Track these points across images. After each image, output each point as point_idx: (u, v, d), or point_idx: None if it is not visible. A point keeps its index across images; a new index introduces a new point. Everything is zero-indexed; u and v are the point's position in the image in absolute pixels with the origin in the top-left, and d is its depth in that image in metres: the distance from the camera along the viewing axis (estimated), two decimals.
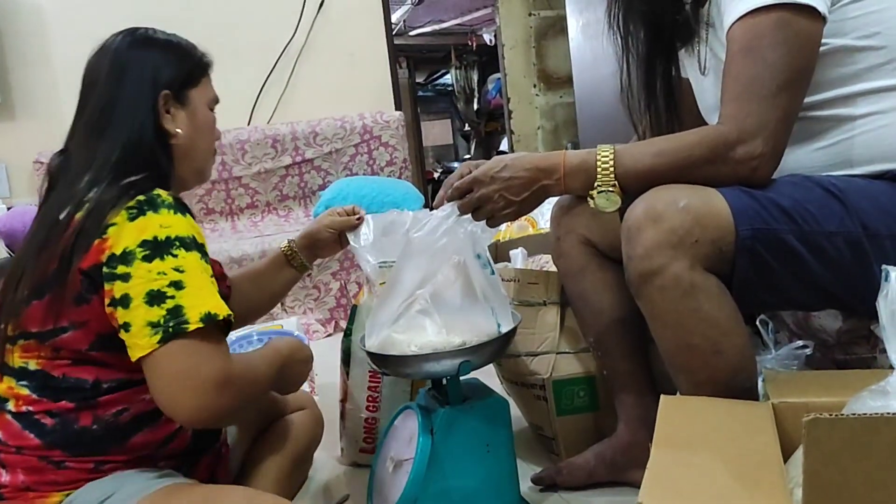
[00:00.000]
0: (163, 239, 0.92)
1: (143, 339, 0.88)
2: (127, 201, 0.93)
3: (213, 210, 3.13)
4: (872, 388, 0.76)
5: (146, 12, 3.16)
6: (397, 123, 3.34)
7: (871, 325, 1.13)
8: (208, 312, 0.91)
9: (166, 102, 1.06)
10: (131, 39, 1.07)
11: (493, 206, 1.13)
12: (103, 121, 1.02)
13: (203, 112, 1.12)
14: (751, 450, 0.79)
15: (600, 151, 1.07)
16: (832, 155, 1.08)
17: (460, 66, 7.55)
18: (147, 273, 0.90)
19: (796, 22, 0.99)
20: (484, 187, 1.12)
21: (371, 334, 1.16)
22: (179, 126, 1.07)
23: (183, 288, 0.90)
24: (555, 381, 1.40)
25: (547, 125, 4.51)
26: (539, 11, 4.46)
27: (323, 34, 3.36)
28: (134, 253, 0.90)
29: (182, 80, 1.08)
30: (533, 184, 1.11)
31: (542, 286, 1.46)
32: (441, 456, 1.13)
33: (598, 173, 1.06)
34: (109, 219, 0.92)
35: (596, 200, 1.07)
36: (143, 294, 0.89)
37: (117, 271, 0.90)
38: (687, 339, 1.00)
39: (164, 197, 0.95)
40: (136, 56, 1.05)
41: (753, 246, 0.98)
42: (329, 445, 1.58)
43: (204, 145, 1.13)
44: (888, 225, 1.01)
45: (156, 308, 0.89)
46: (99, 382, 0.95)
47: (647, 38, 1.20)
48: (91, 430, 0.95)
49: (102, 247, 0.91)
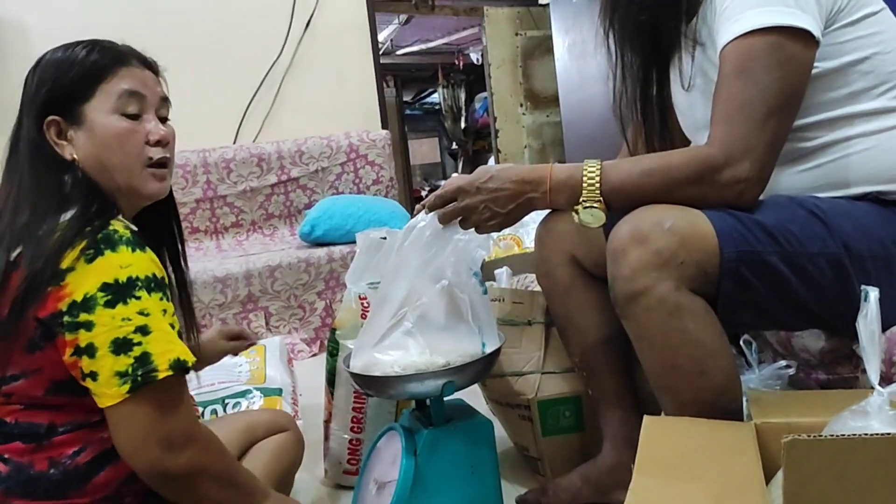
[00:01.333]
0: (124, 281, 0.87)
1: (112, 389, 0.86)
2: (81, 241, 0.88)
3: (197, 229, 3.11)
4: (853, 409, 0.77)
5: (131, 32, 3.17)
6: (384, 142, 3.34)
7: (854, 345, 1.14)
8: (177, 359, 0.88)
9: (55, 129, 0.97)
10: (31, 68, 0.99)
11: (477, 217, 1.11)
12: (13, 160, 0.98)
13: (105, 124, 0.97)
14: (732, 470, 0.79)
15: (587, 166, 1.06)
16: (816, 177, 1.08)
17: (447, 84, 7.59)
18: (111, 320, 0.86)
19: (791, 46, 0.99)
20: (469, 197, 1.11)
21: (356, 356, 1.15)
22: (78, 149, 0.96)
23: (149, 333, 0.87)
24: (540, 401, 1.39)
25: (534, 144, 4.53)
26: (526, 31, 4.50)
27: (310, 53, 3.37)
28: (95, 298, 0.86)
29: (65, 99, 0.96)
30: (519, 196, 1.09)
31: (527, 305, 1.46)
32: (425, 477, 1.12)
33: (584, 188, 1.05)
34: (65, 262, 0.87)
35: (580, 216, 1.06)
36: (109, 343, 0.86)
37: (80, 319, 0.86)
38: (672, 359, 1.00)
39: (120, 232, 0.90)
40: (27, 86, 0.99)
41: (738, 268, 0.98)
42: (312, 466, 1.57)
43: (117, 160, 0.98)
44: (869, 246, 1.02)
45: (123, 357, 0.86)
46: (54, 426, 0.91)
47: (644, 49, 1.19)
48: (48, 475, 0.90)
49: (60, 294, 0.87)
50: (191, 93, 3.17)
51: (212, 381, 1.75)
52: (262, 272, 2.71)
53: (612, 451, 1.28)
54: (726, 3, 1.03)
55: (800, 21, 0.98)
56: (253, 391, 1.72)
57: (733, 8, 1.02)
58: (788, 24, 0.98)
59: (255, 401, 1.69)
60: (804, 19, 0.98)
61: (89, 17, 3.01)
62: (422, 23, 5.63)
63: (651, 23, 1.15)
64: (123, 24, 2.98)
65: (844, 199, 1.07)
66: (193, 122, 3.15)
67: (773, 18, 0.98)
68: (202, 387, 1.72)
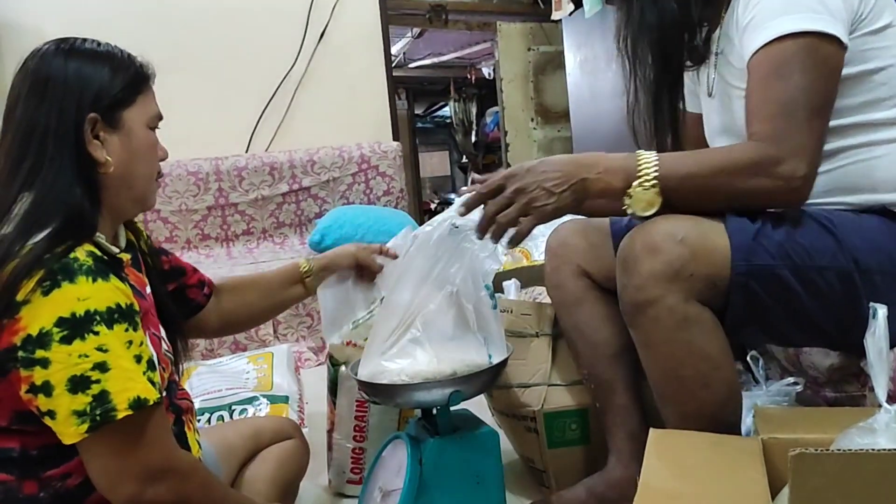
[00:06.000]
0: (81, 314, 0.82)
1: (70, 429, 0.82)
2: (38, 270, 0.83)
3: (208, 236, 3.13)
4: (860, 426, 0.77)
5: (147, 37, 3.20)
6: (395, 154, 3.36)
7: (862, 363, 1.14)
8: (137, 397, 0.84)
9: (94, 127, 0.93)
10: (55, 51, 0.94)
11: (528, 200, 1.04)
12: (22, 151, 0.91)
13: (141, 134, 0.98)
14: (738, 485, 0.79)
15: (641, 153, 1.05)
16: (826, 182, 1.08)
17: (459, 98, 7.62)
18: (67, 357, 0.82)
19: (824, 48, 1.00)
20: (519, 180, 1.06)
21: (363, 363, 1.16)
22: (111, 153, 0.94)
23: (108, 370, 0.83)
24: (546, 413, 1.39)
25: None
26: (538, 47, 4.52)
27: (323, 64, 3.39)
28: (51, 334, 0.81)
29: (113, 101, 0.94)
30: (572, 178, 1.05)
31: (534, 317, 1.46)
32: (430, 487, 1.12)
33: (640, 169, 1.03)
34: (20, 294, 0.82)
35: (634, 199, 1.03)
36: (65, 381, 0.82)
37: (35, 356, 0.81)
38: (677, 370, 1.00)
39: (81, 260, 0.85)
40: (58, 73, 0.92)
41: (748, 282, 0.99)
42: (316, 474, 1.57)
43: (143, 171, 0.99)
44: (879, 261, 1.02)
45: (80, 395, 0.82)
46: (26, 450, 0.88)
47: (656, 65, 1.20)
48: (38, 499, 0.88)
49: (15, 328, 0.82)
50: (205, 101, 3.21)
51: (219, 387, 1.76)
52: None
53: (618, 464, 1.28)
54: (751, 14, 1.04)
55: (830, 27, 0.99)
56: (260, 398, 1.73)
57: (761, 17, 1.03)
58: (819, 30, 0.99)
59: (262, 408, 1.69)
60: (834, 26, 0.99)
61: (103, 26, 3.03)
62: (435, 37, 5.66)
63: (662, 37, 1.16)
64: (138, 32, 3.01)
65: (854, 213, 1.07)
66: (207, 130, 3.19)
67: (804, 24, 0.99)
68: (209, 392, 1.73)
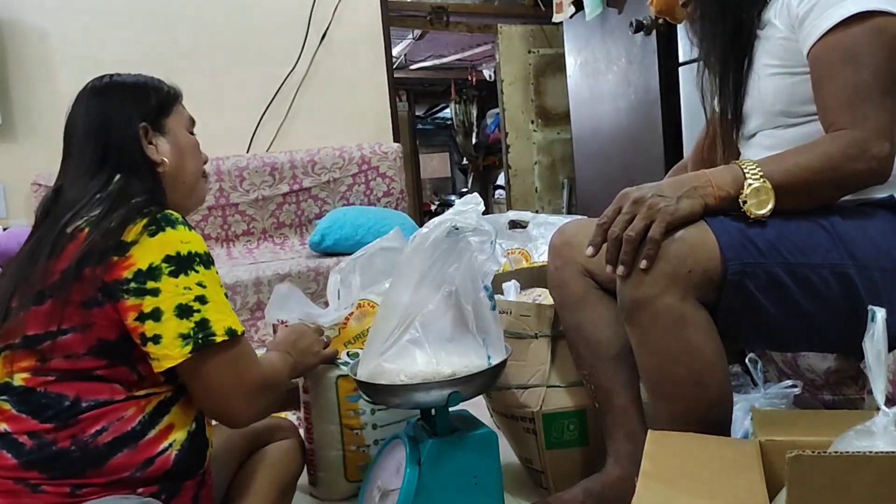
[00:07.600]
0: (185, 255, 0.98)
1: (175, 350, 0.96)
2: (142, 218, 0.98)
3: (208, 236, 3.13)
4: (858, 428, 0.77)
5: (148, 39, 3.21)
6: (395, 155, 3.36)
7: (861, 365, 1.14)
8: (230, 327, 1.00)
9: (146, 134, 1.11)
10: (101, 87, 1.13)
11: (650, 203, 1.02)
12: (94, 164, 1.07)
13: (184, 135, 1.18)
14: (736, 487, 0.79)
15: (739, 161, 1.06)
16: None
17: (460, 100, 7.61)
18: (175, 288, 0.96)
19: (891, 27, 1.02)
20: (633, 194, 1.04)
21: (362, 363, 1.16)
22: (164, 154, 1.12)
23: (207, 302, 0.98)
24: (545, 414, 1.39)
25: (544, 160, 4.54)
26: (538, 49, 4.52)
27: (324, 65, 3.39)
28: (160, 268, 0.96)
29: (155, 112, 1.14)
30: (683, 186, 1.04)
31: (534, 318, 1.47)
32: (428, 487, 1.12)
33: (746, 171, 1.03)
34: (128, 236, 0.96)
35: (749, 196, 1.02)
36: (174, 307, 0.96)
37: (146, 286, 0.96)
38: (672, 368, 1.01)
39: (175, 215, 1.01)
40: (107, 100, 1.11)
41: (741, 280, 0.99)
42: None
43: (191, 166, 1.18)
44: (878, 257, 1.02)
45: (185, 321, 0.96)
46: (79, 400, 0.96)
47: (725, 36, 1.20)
48: (69, 452, 0.95)
49: (126, 264, 0.96)
50: (206, 101, 3.19)
51: None
52: (272, 280, 2.72)
53: (616, 465, 1.28)
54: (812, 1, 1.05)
55: (893, 6, 1.01)
56: None
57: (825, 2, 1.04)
58: (886, 9, 1.01)
59: None
60: None
61: (108, 30, 3.04)
62: (436, 38, 5.66)
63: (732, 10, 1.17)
64: (142, 34, 3.01)
65: (858, 207, 1.07)
66: (208, 130, 3.16)
67: (869, 4, 1.01)
68: None
